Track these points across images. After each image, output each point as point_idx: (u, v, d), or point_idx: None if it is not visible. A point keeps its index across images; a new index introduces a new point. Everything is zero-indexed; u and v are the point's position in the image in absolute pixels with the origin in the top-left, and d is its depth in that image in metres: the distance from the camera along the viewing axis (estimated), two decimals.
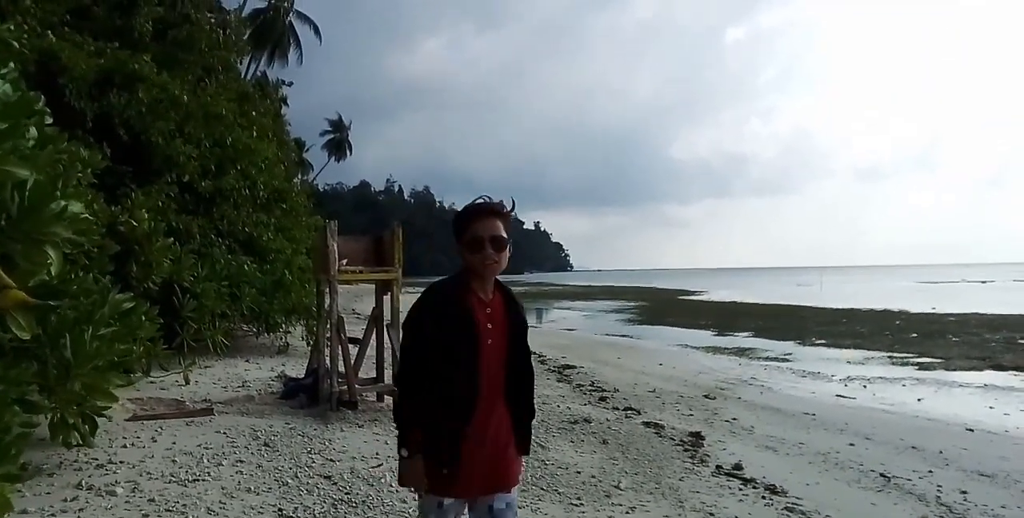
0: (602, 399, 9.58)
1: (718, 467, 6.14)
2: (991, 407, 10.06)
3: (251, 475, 5.03)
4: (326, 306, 7.47)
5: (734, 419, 8.49)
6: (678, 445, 6.95)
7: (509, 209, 2.48)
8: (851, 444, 7.43)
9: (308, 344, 10.79)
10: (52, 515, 4.03)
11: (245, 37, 24.62)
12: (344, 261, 7.45)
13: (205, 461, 5.26)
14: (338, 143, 66.70)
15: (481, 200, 2.47)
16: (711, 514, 4.85)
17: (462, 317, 2.41)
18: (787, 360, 15.55)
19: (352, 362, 7.57)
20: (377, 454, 5.78)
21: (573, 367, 13.03)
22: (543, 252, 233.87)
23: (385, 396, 7.81)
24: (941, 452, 7.21)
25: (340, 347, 7.45)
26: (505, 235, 2.42)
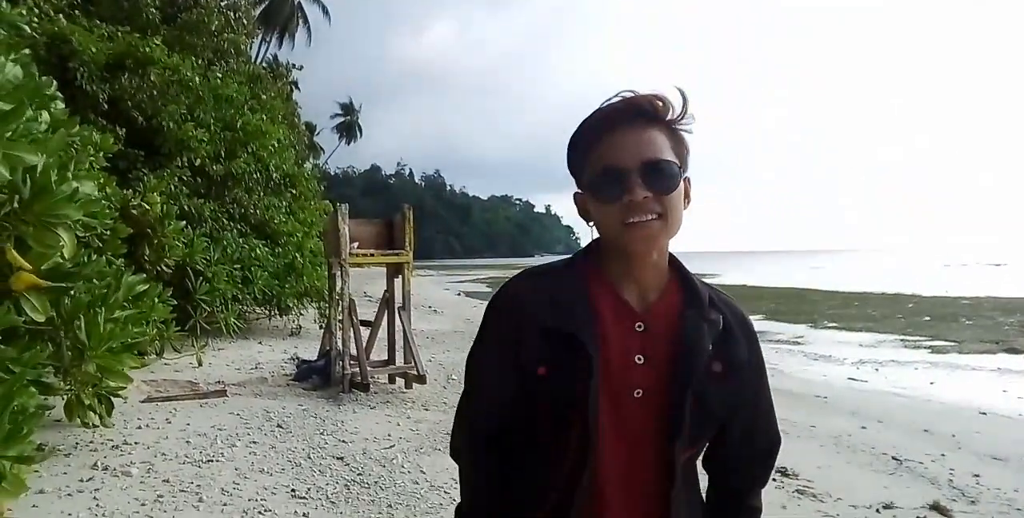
0: None
1: None
2: (1005, 391, 10.00)
3: (264, 456, 5.08)
4: (338, 289, 7.49)
5: None
6: None
7: (679, 113, 1.22)
8: (863, 427, 7.41)
9: (320, 327, 10.85)
10: (68, 495, 4.08)
11: (255, 19, 24.56)
12: (356, 244, 7.47)
13: (219, 442, 5.32)
14: (348, 126, 66.80)
15: (620, 97, 1.21)
16: None
17: (566, 337, 1.17)
18: (799, 343, 15.51)
19: (364, 344, 7.61)
20: (389, 435, 5.82)
21: None
22: (554, 235, 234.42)
23: (397, 378, 7.86)
24: (953, 435, 7.18)
25: (352, 330, 7.48)
26: (675, 160, 1.20)
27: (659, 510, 1.22)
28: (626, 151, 1.17)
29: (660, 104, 1.19)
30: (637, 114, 1.19)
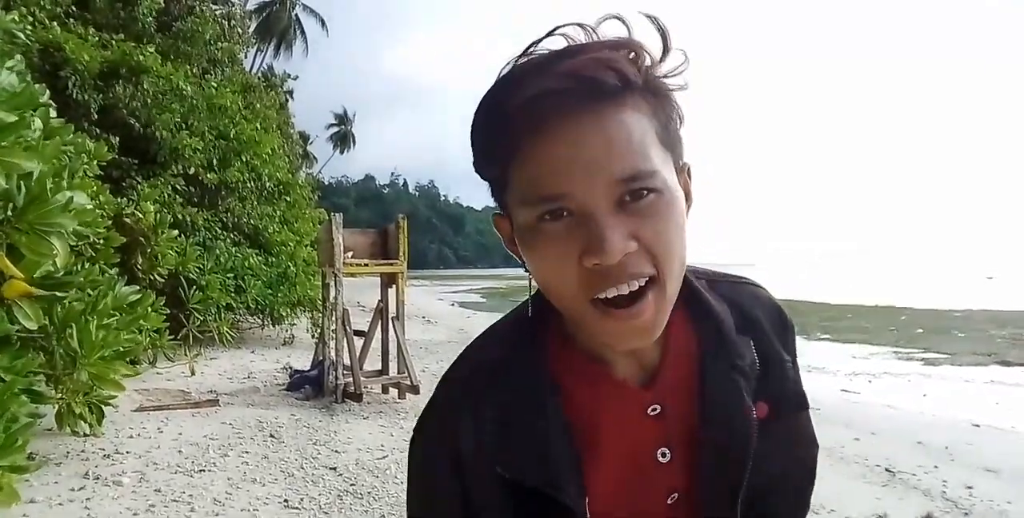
0: None
1: None
2: (997, 403, 10.02)
3: (257, 466, 5.05)
4: (331, 298, 7.47)
5: None
6: None
7: (659, 60, 0.68)
8: (856, 439, 7.40)
9: (313, 336, 10.82)
10: (59, 504, 4.05)
11: (251, 30, 24.63)
12: (349, 254, 7.46)
13: (211, 452, 5.29)
14: (342, 135, 66.94)
15: (561, 52, 0.66)
16: None
17: (538, 493, 0.73)
18: None
19: (357, 354, 7.58)
20: (382, 446, 5.79)
21: None
22: None
23: (390, 388, 7.83)
24: (946, 447, 7.18)
25: (346, 339, 7.46)
26: (663, 166, 0.67)
27: None
28: (579, 167, 0.64)
29: (630, 67, 0.66)
30: (591, 93, 0.65)
